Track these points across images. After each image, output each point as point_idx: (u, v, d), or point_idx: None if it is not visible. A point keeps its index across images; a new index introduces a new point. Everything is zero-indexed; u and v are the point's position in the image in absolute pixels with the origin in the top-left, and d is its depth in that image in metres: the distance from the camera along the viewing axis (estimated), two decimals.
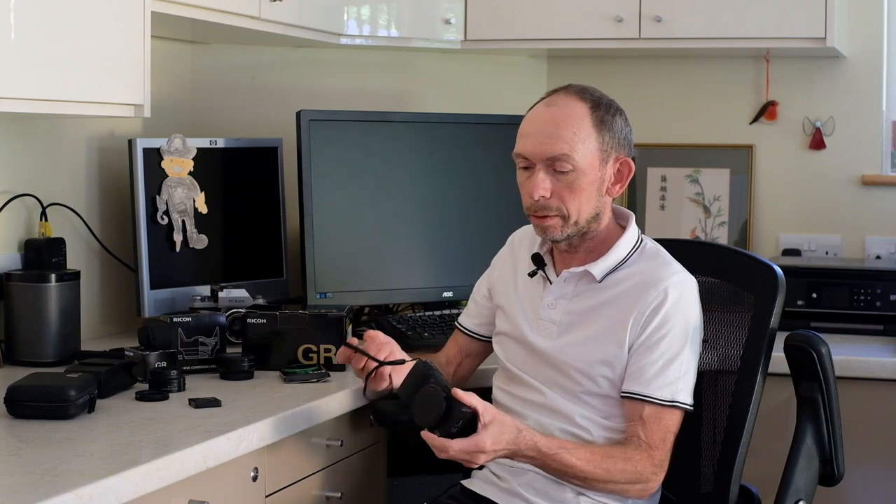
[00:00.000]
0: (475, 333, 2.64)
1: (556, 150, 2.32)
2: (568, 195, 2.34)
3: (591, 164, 2.34)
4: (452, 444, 2.17)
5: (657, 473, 2.32)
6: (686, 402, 2.34)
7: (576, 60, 3.91)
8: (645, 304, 2.33)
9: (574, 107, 2.35)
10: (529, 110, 2.42)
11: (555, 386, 2.40)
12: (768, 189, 3.79)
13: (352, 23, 3.46)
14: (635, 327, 2.34)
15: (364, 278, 3.26)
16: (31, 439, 2.09)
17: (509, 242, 2.62)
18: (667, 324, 2.33)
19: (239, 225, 3.30)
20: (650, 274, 2.37)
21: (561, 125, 2.33)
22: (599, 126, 2.35)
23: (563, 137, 2.32)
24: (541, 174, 2.34)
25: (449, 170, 3.36)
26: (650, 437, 2.31)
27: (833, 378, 2.42)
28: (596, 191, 2.37)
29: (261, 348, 2.71)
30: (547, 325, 2.43)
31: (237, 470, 2.24)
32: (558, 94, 2.39)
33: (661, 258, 2.41)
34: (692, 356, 2.35)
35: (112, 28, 2.59)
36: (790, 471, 2.41)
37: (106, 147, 3.18)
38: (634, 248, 2.42)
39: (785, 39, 3.45)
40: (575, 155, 2.32)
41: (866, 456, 3.01)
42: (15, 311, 2.78)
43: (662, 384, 2.31)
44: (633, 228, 2.44)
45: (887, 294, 3.30)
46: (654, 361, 2.32)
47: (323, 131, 3.21)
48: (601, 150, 2.35)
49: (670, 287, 2.34)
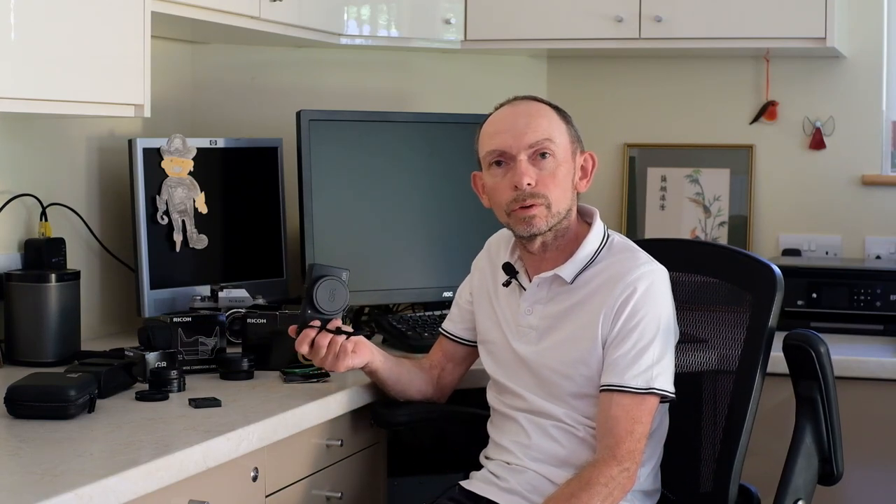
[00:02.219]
0: (460, 338, 2.63)
1: (537, 136, 2.37)
2: (551, 183, 2.37)
3: (566, 153, 2.40)
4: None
5: (627, 468, 2.29)
6: (662, 388, 2.33)
7: (576, 60, 3.91)
8: (614, 298, 2.35)
9: (539, 105, 2.44)
10: (490, 115, 2.46)
11: (538, 390, 2.41)
12: (768, 189, 3.79)
13: (352, 23, 3.46)
14: (606, 322, 2.35)
15: (364, 278, 3.26)
16: (31, 439, 2.09)
17: (486, 247, 2.62)
18: (636, 315, 2.33)
19: (239, 225, 3.30)
20: (618, 268, 2.38)
21: (534, 116, 2.41)
22: (566, 121, 2.44)
23: (541, 125, 2.39)
24: (524, 163, 2.37)
25: (449, 170, 3.36)
26: (613, 431, 2.29)
27: (832, 377, 2.43)
28: (570, 182, 2.41)
29: (261, 348, 2.71)
30: (526, 330, 2.44)
31: (237, 470, 2.24)
32: (518, 100, 2.47)
33: (629, 252, 2.42)
34: (666, 344, 2.35)
35: (112, 28, 2.59)
36: (789, 470, 2.41)
37: (106, 147, 3.18)
38: (602, 244, 2.43)
39: (785, 39, 3.45)
40: (555, 139, 2.38)
41: (866, 456, 3.01)
42: (15, 311, 2.78)
43: (636, 373, 2.31)
44: (599, 224, 2.45)
45: (887, 294, 3.30)
46: (627, 352, 2.32)
47: (323, 131, 3.21)
48: (571, 143, 2.42)
49: (638, 279, 2.35)
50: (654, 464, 2.43)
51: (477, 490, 2.45)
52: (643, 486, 2.40)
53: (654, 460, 2.43)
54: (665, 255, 2.45)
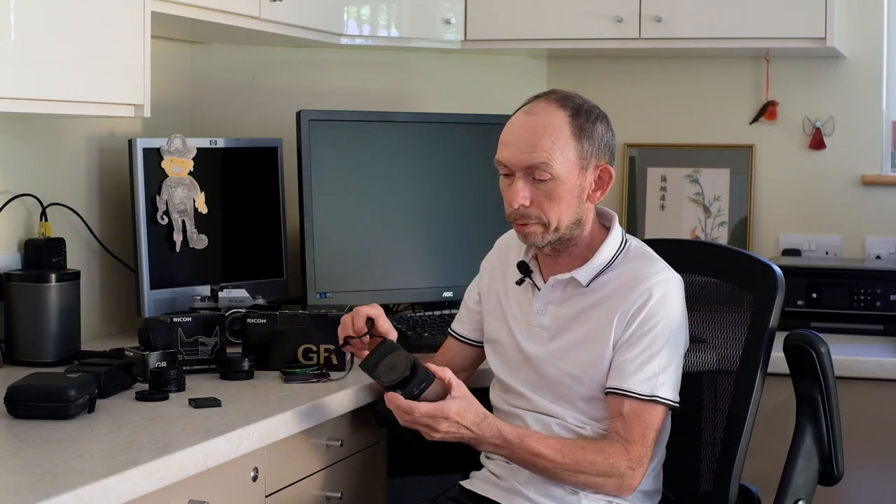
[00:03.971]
0: (469, 339, 2.63)
1: (534, 160, 2.33)
2: (547, 203, 2.35)
3: (570, 172, 2.35)
4: (419, 406, 2.25)
5: (634, 469, 2.31)
6: (666, 398, 2.33)
7: (576, 60, 3.91)
8: (629, 303, 2.34)
9: (553, 115, 2.35)
10: (510, 117, 2.43)
11: (545, 391, 2.41)
12: (768, 189, 3.79)
13: (352, 23, 3.46)
14: (619, 326, 2.35)
15: (364, 278, 3.26)
16: (31, 439, 2.09)
17: (496, 248, 2.62)
18: (650, 321, 2.33)
19: (239, 225, 3.30)
20: (634, 274, 2.38)
21: (539, 135, 2.34)
22: (578, 134, 2.35)
23: (542, 147, 2.33)
24: (520, 183, 2.36)
25: (449, 170, 3.36)
26: (629, 432, 2.31)
27: (832, 377, 2.43)
28: (576, 198, 2.37)
29: (261, 348, 2.71)
30: (538, 330, 2.44)
31: (237, 470, 2.24)
32: (539, 102, 2.39)
33: (646, 258, 2.42)
34: (675, 353, 2.35)
35: (112, 28, 2.59)
36: (790, 470, 2.41)
37: (106, 147, 3.18)
38: (619, 249, 2.43)
39: (785, 39, 3.45)
40: (553, 163, 2.33)
41: (866, 456, 3.01)
42: (15, 311, 2.78)
43: (642, 379, 2.32)
44: (617, 229, 2.45)
45: (887, 294, 3.30)
46: (635, 357, 2.32)
47: (323, 131, 3.21)
48: (580, 159, 2.36)
49: (654, 286, 2.35)
50: (656, 464, 2.43)
51: (478, 490, 2.44)
52: (644, 486, 2.40)
53: (656, 461, 2.43)
54: (665, 255, 2.45)
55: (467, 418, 2.28)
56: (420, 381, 2.26)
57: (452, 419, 2.26)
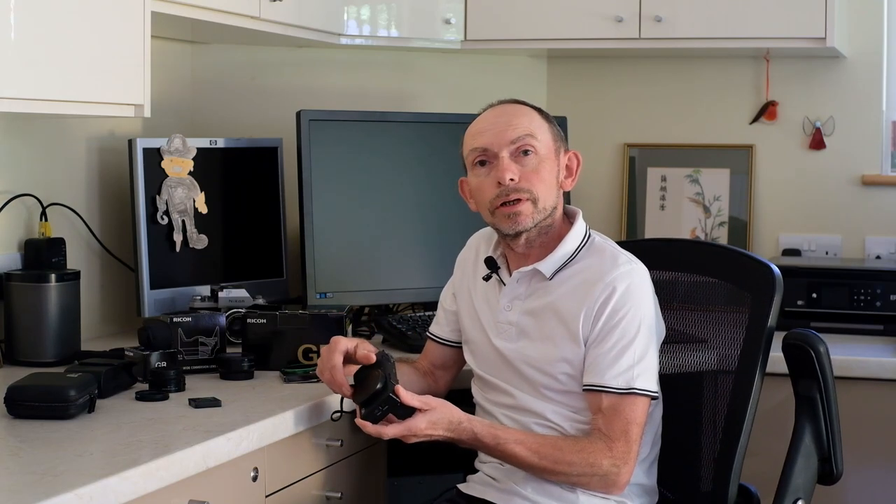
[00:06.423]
0: (448, 341, 2.63)
1: (518, 132, 2.38)
2: (535, 177, 2.38)
3: (549, 150, 2.41)
4: (386, 431, 2.27)
5: (619, 466, 2.30)
6: (644, 388, 2.32)
7: (576, 60, 3.92)
8: (593, 299, 2.34)
9: (519, 106, 2.46)
10: (474, 120, 2.47)
11: (522, 385, 2.41)
12: (768, 189, 3.79)
13: (352, 23, 3.46)
14: (587, 323, 2.35)
15: (364, 278, 3.26)
16: (31, 439, 2.09)
17: (468, 245, 2.63)
18: (616, 314, 2.33)
19: (239, 225, 3.30)
20: (596, 269, 2.38)
21: (515, 115, 2.42)
22: (548, 120, 2.45)
23: (522, 123, 2.40)
24: (506, 160, 2.38)
25: (449, 170, 3.35)
26: (610, 429, 2.31)
27: (831, 376, 2.43)
28: (555, 180, 2.41)
29: (261, 348, 2.71)
30: (506, 327, 2.44)
31: (237, 470, 2.24)
32: (501, 103, 2.48)
33: (608, 252, 2.42)
34: (647, 344, 2.35)
35: (112, 28, 2.59)
36: (789, 470, 2.41)
37: (106, 147, 3.18)
38: (582, 242, 2.43)
39: (785, 39, 3.45)
40: (537, 135, 2.39)
41: (866, 455, 3.01)
42: (15, 311, 2.78)
43: (617, 373, 2.31)
44: (581, 223, 2.46)
45: (887, 294, 3.30)
46: (607, 352, 2.32)
47: (323, 131, 3.21)
48: (555, 141, 2.43)
49: (617, 279, 2.35)
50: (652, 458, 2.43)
51: (476, 493, 2.44)
52: (639, 480, 2.39)
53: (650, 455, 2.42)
54: (665, 255, 2.45)
55: (440, 426, 2.29)
56: (382, 404, 2.26)
57: (422, 434, 2.28)
